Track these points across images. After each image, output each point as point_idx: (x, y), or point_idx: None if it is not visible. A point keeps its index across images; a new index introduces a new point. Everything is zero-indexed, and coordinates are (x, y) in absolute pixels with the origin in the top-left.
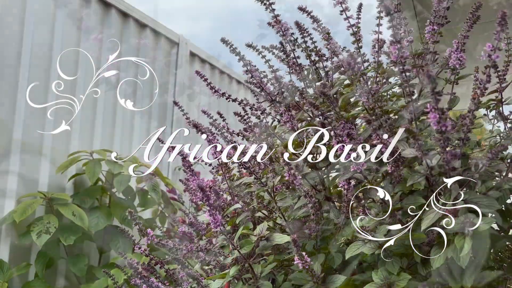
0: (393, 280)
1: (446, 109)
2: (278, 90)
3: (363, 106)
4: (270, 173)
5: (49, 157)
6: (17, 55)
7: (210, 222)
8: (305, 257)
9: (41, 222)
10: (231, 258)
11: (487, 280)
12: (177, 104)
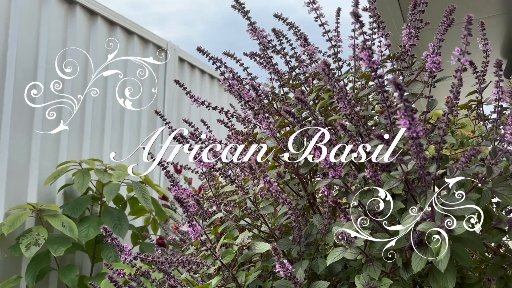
0: (374, 285)
1: (425, 112)
2: (255, 97)
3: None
4: (251, 180)
5: (37, 168)
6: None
7: (190, 233)
8: (286, 265)
9: (30, 234)
10: (213, 268)
11: (469, 282)
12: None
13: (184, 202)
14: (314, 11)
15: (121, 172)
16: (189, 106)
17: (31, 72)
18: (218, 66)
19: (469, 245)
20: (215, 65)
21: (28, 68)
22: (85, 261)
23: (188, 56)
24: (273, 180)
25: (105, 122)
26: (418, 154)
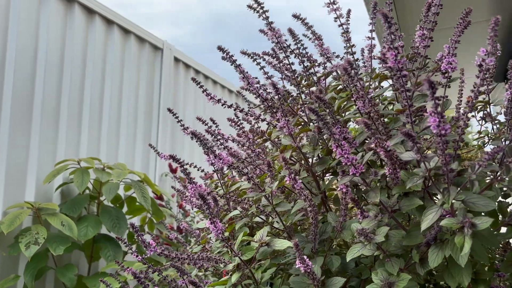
0: (393, 280)
1: None
2: (275, 96)
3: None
4: (268, 178)
5: (35, 167)
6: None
7: (211, 230)
8: (306, 261)
9: (29, 233)
10: (232, 265)
11: (483, 277)
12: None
13: (207, 199)
14: (334, 12)
15: (121, 171)
16: (183, 105)
17: (30, 72)
18: (236, 65)
19: (483, 241)
20: (234, 64)
21: (26, 67)
22: (82, 261)
23: (183, 56)
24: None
25: (102, 120)
26: (444, 151)
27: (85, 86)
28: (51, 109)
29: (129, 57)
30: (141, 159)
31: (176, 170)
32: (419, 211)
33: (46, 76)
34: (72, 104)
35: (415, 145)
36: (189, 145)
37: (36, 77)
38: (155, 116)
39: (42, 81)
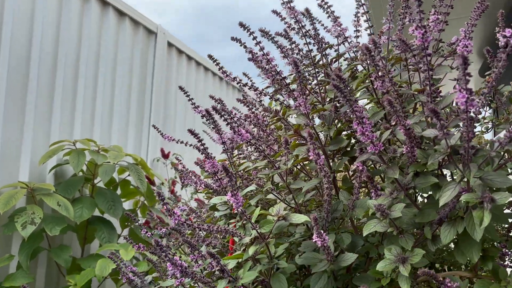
0: (406, 255)
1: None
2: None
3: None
4: (284, 156)
5: (30, 147)
6: None
7: (233, 202)
8: (323, 235)
9: (25, 213)
10: (248, 238)
11: (491, 254)
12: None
13: (230, 172)
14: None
15: (117, 153)
16: (176, 86)
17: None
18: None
19: (494, 219)
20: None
21: (22, 47)
22: (74, 243)
23: (176, 41)
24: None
25: (96, 104)
26: (469, 128)
27: (79, 68)
28: (45, 90)
29: (123, 40)
30: (133, 144)
31: (168, 155)
32: (434, 189)
33: (41, 57)
34: (67, 86)
35: (439, 122)
36: (180, 129)
37: (31, 58)
38: (147, 101)
39: (37, 62)
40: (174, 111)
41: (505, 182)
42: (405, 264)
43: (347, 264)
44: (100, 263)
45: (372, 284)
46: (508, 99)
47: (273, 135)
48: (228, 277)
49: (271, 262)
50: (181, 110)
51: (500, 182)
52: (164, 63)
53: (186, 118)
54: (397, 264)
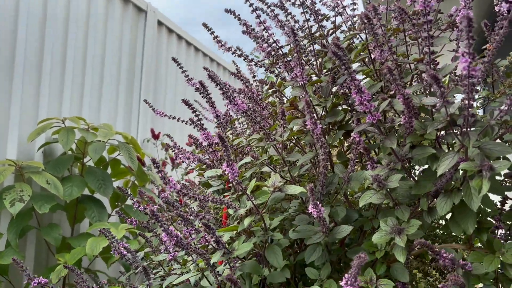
0: (402, 227)
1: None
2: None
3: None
4: (280, 127)
5: (17, 125)
6: None
7: (228, 173)
8: (319, 206)
9: (13, 190)
10: (244, 210)
11: (486, 226)
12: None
13: (226, 142)
14: None
15: (107, 131)
16: (166, 66)
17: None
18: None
19: (490, 190)
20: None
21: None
22: (64, 223)
23: (167, 20)
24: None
25: (85, 82)
26: (469, 94)
27: (68, 45)
28: (33, 67)
29: (112, 18)
30: (122, 124)
31: (158, 136)
32: (431, 160)
33: (28, 33)
34: (54, 64)
35: (440, 89)
36: (170, 110)
37: (18, 35)
38: (137, 80)
39: (23, 38)
40: (164, 92)
41: (504, 151)
42: (401, 235)
43: (342, 236)
44: (90, 242)
45: None
46: (504, 73)
47: (268, 109)
48: (223, 249)
49: (266, 234)
50: (172, 86)
51: (499, 151)
52: (154, 42)
53: (176, 99)
54: (392, 235)
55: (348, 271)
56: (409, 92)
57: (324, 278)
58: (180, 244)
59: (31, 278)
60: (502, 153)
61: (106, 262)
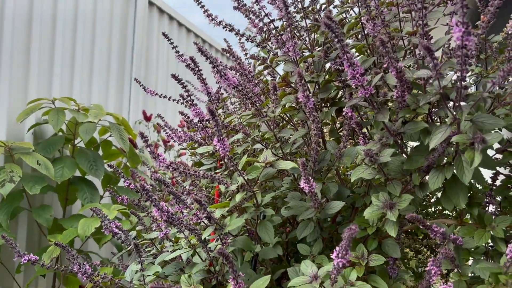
0: (394, 201)
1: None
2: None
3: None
4: (271, 103)
5: (6, 106)
6: None
7: (219, 148)
8: (311, 181)
9: (3, 171)
10: (235, 186)
11: (477, 201)
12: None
13: (216, 115)
14: None
15: (98, 112)
16: (157, 47)
17: None
18: None
19: (481, 164)
20: None
21: None
22: (55, 205)
23: (158, 1)
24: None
25: (75, 60)
26: (463, 66)
27: (56, 24)
28: (21, 46)
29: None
30: (114, 106)
31: (150, 118)
32: (423, 134)
33: (15, 13)
34: (43, 43)
35: (433, 60)
36: (161, 90)
37: (4, 14)
38: (128, 61)
39: (11, 17)
40: (156, 73)
41: (496, 124)
42: (393, 209)
43: (333, 212)
44: (82, 222)
45: (358, 234)
46: (497, 49)
47: (260, 86)
48: (215, 224)
49: (258, 210)
50: (164, 66)
51: (492, 124)
52: (145, 23)
53: (167, 81)
54: (384, 210)
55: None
56: (402, 65)
57: (316, 254)
58: (171, 220)
59: (21, 255)
60: (494, 126)
61: (98, 243)
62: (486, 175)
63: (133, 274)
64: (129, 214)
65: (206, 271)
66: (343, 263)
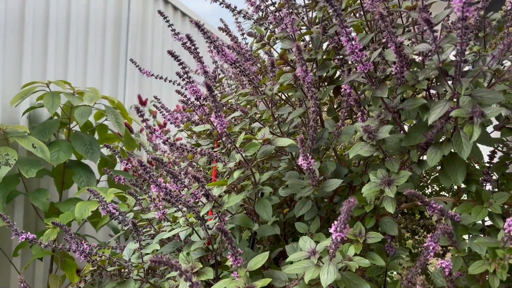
0: (392, 178)
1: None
2: None
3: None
4: (269, 81)
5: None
6: None
7: (217, 124)
8: (309, 158)
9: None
10: (233, 163)
11: (475, 178)
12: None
13: (213, 91)
14: None
15: (93, 95)
16: (152, 25)
17: None
18: None
19: (480, 141)
20: None
21: None
22: (52, 189)
23: None
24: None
25: (69, 44)
26: (463, 38)
27: (50, 6)
28: (14, 28)
29: None
30: (109, 90)
31: (145, 102)
32: (422, 111)
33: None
34: (37, 25)
35: (432, 33)
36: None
37: None
38: (123, 44)
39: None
40: (151, 56)
41: (495, 98)
42: (391, 186)
43: (331, 190)
44: (79, 206)
45: (355, 211)
46: (496, 27)
47: (257, 65)
48: (213, 202)
49: (256, 187)
50: (159, 45)
51: (491, 98)
52: (139, 8)
53: (163, 63)
54: (382, 186)
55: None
56: (401, 40)
57: (314, 232)
58: (169, 197)
59: (19, 233)
60: (494, 100)
61: (95, 227)
62: (484, 154)
63: (131, 253)
64: (126, 198)
65: (204, 249)
66: (341, 237)
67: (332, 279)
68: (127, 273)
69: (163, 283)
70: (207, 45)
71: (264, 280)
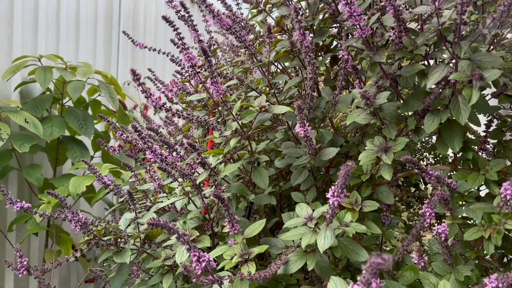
0: (389, 145)
1: None
2: None
3: None
4: (266, 48)
5: None
6: None
7: (212, 91)
8: (306, 125)
9: None
10: (229, 132)
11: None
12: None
13: (209, 55)
14: None
15: (86, 70)
16: (144, 5)
17: None
18: None
19: (478, 108)
20: None
21: None
22: (46, 165)
23: None
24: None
25: (60, 19)
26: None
27: None
28: (4, 1)
29: None
30: (102, 67)
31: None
32: (420, 77)
33: None
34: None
35: None
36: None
37: None
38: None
39: None
40: (143, 33)
41: (495, 62)
42: (388, 153)
43: (328, 158)
44: (73, 181)
45: (351, 181)
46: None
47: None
48: (209, 170)
49: (252, 156)
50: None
51: (490, 62)
52: None
53: (156, 40)
54: (379, 154)
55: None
56: (399, 3)
57: (310, 201)
58: (165, 164)
59: (13, 202)
60: (493, 64)
61: (89, 203)
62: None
63: (127, 222)
64: (120, 173)
65: (201, 218)
66: (338, 202)
67: (329, 244)
68: (123, 243)
69: (159, 253)
70: (201, 14)
71: (261, 247)
